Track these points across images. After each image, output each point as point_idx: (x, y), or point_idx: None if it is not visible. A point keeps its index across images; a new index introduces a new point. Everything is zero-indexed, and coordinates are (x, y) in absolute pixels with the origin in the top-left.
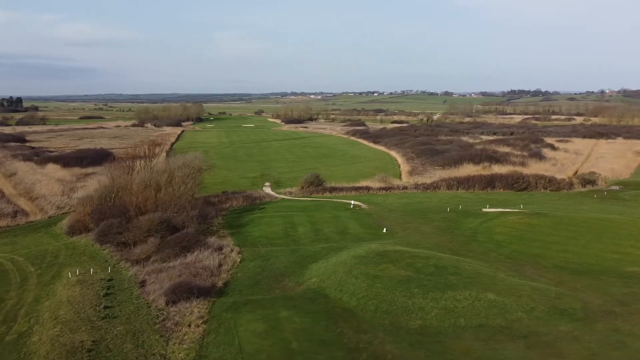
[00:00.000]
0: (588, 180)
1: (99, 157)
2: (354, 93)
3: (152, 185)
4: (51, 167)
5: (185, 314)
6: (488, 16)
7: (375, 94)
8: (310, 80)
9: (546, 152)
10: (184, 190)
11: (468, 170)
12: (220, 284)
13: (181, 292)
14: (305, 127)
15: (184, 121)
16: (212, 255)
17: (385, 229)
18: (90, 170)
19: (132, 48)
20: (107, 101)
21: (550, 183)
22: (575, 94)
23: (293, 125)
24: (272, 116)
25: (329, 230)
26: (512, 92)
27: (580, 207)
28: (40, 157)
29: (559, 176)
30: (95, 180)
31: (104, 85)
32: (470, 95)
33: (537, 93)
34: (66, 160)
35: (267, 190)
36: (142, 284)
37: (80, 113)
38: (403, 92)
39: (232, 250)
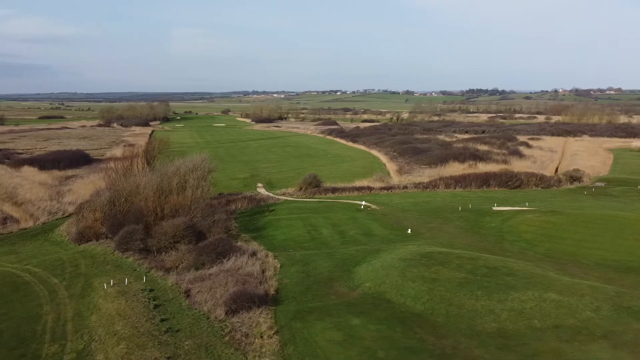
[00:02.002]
0: (574, 177)
1: (77, 159)
2: (318, 92)
3: (166, 189)
4: (28, 170)
5: (251, 325)
6: (447, 17)
7: (339, 93)
8: (272, 78)
9: (523, 150)
10: (200, 193)
11: (454, 168)
12: (272, 291)
13: (242, 302)
14: (277, 127)
15: (151, 121)
16: (250, 261)
17: (409, 230)
18: (70, 172)
19: (86, 45)
20: (62, 100)
21: (541, 180)
22: (530, 92)
23: (265, 124)
24: (241, 115)
25: (353, 232)
26: (471, 91)
27: (581, 204)
28: (12, 159)
29: (541, 173)
30: (81, 184)
31: (58, 84)
32: (431, 94)
33: (494, 92)
34: (42, 162)
35: (262, 191)
36: (187, 293)
37: (37, 112)
38: (366, 91)
39: (267, 256)
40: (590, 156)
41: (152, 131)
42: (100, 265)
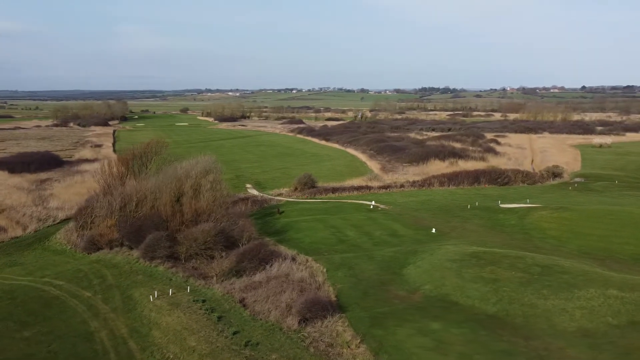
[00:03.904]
0: (556, 173)
1: (47, 162)
2: (273, 90)
3: (186, 194)
4: None
5: (331, 334)
6: (400, 16)
7: (295, 91)
8: (225, 76)
9: (495, 147)
10: (219, 197)
11: (437, 166)
12: (333, 297)
13: (317, 310)
14: (243, 126)
15: (109, 120)
16: (295, 266)
17: (434, 230)
18: (43, 175)
19: (25, 41)
20: (3, 98)
21: (527, 177)
22: (480, 91)
23: (230, 123)
24: (202, 114)
25: (378, 233)
26: (424, 89)
27: (576, 200)
28: None
29: (526, 170)
30: (61, 188)
31: None
32: (385, 92)
33: (446, 90)
34: (11, 165)
35: (254, 192)
36: (242, 302)
37: None
38: (321, 89)
39: (307, 260)
40: (558, 152)
41: (114, 131)
42: (128, 275)
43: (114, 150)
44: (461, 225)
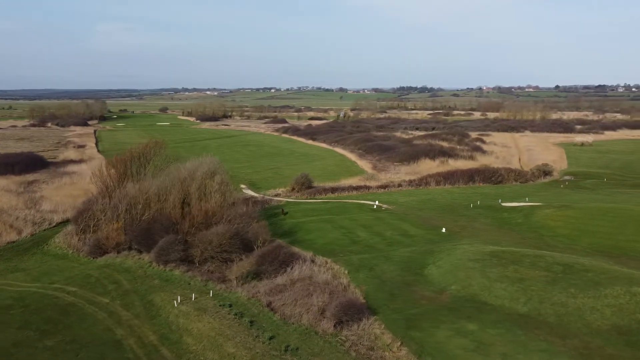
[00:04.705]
0: (546, 171)
1: (32, 163)
2: (251, 89)
3: (192, 196)
4: None
5: (369, 337)
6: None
7: (273, 90)
8: (202, 75)
9: (481, 146)
10: (229, 198)
11: (428, 165)
12: (362, 299)
13: (353, 313)
14: (226, 125)
15: (88, 119)
16: (315, 268)
17: (444, 229)
18: (29, 177)
19: None
20: None
21: (519, 175)
22: (457, 90)
23: (212, 123)
24: (182, 113)
25: (389, 233)
26: (402, 88)
27: (571, 198)
28: None
29: (517, 169)
30: (51, 190)
31: None
32: (364, 91)
33: (423, 89)
34: None
35: (250, 192)
36: (269, 306)
37: None
38: (300, 88)
39: (326, 262)
40: (543, 151)
41: (95, 131)
42: (143, 280)
43: (99, 151)
44: (469, 225)
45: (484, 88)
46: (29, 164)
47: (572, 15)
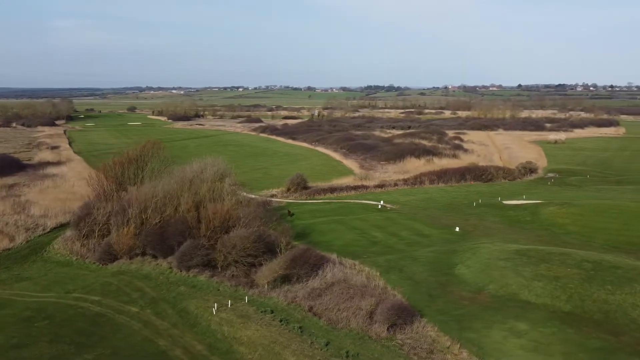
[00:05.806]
0: (531, 169)
1: (8, 165)
2: (219, 88)
3: (204, 199)
4: None
5: (426, 340)
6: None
7: (240, 89)
8: (167, 74)
9: (461, 144)
10: (243, 200)
11: (414, 164)
12: (404, 301)
13: (406, 316)
14: (201, 125)
15: (55, 119)
16: (346, 271)
17: (457, 228)
18: (8, 180)
19: None
20: None
21: (508, 173)
22: (423, 89)
23: (186, 122)
24: (153, 113)
25: (405, 233)
26: (369, 87)
27: (563, 195)
28: None
29: (505, 167)
30: (36, 193)
31: None
32: (332, 90)
33: (390, 88)
34: None
35: (243, 193)
36: (311, 310)
37: None
38: (268, 87)
39: (354, 265)
40: (521, 149)
41: (64, 131)
42: (168, 286)
43: (75, 152)
44: (480, 223)
45: (450, 87)
46: (4, 166)
47: (534, 17)
